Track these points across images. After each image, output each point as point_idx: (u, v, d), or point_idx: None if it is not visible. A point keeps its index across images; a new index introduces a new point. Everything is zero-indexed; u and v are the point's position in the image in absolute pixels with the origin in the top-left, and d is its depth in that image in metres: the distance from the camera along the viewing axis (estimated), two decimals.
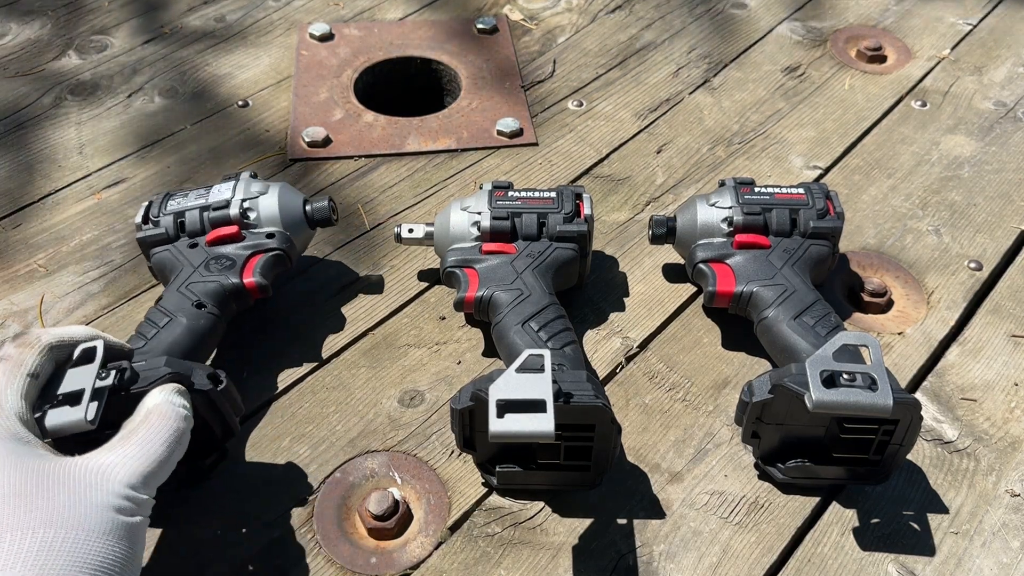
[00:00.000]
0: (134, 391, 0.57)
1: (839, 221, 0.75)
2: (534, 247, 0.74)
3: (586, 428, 0.60)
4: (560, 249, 0.74)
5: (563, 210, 0.75)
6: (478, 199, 0.77)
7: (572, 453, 0.62)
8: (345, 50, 1.09)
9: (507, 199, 0.76)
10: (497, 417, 0.55)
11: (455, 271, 0.74)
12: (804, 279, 0.72)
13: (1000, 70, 1.09)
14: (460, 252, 0.75)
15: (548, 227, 0.75)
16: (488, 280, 0.72)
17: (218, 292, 0.69)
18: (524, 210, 0.75)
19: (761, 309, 0.70)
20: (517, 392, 0.56)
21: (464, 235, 0.76)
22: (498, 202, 0.76)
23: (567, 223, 0.75)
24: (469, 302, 0.71)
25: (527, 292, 0.70)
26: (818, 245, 0.75)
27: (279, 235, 0.74)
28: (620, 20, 1.15)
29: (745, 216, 0.75)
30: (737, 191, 0.77)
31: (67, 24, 1.12)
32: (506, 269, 0.72)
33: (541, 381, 0.57)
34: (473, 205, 0.76)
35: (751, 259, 0.73)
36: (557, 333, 0.67)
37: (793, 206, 0.75)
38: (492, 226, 0.74)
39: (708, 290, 0.73)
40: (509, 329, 0.68)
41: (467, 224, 0.76)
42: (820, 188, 0.77)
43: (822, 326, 0.67)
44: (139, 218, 0.75)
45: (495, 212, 0.75)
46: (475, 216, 0.76)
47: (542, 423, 0.55)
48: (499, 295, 0.70)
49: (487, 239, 0.75)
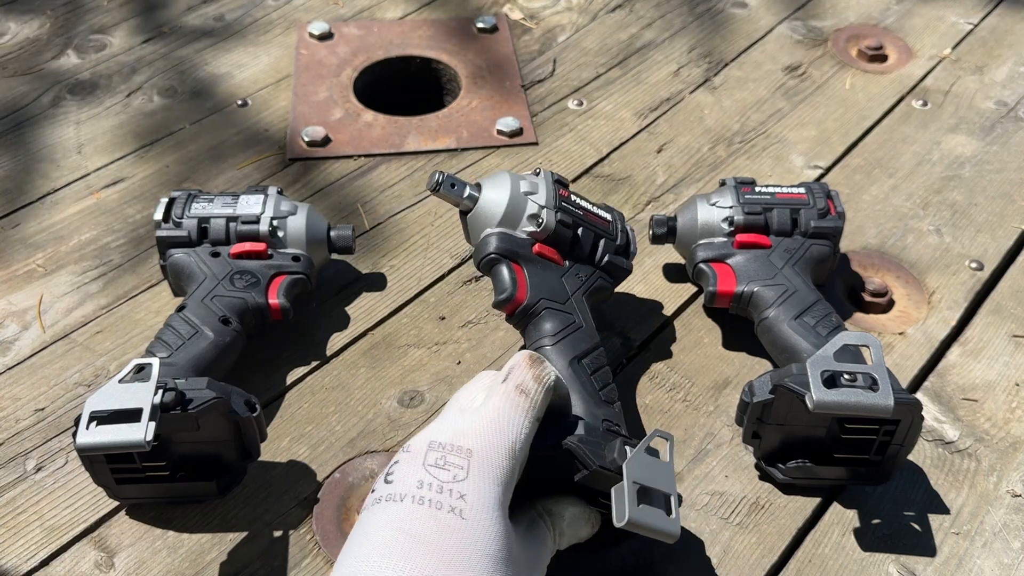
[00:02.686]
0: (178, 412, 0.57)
1: (840, 221, 0.75)
2: (581, 268, 0.70)
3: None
4: (601, 279, 0.71)
5: (617, 240, 0.73)
6: (541, 187, 0.70)
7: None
8: (345, 49, 1.08)
9: (570, 203, 0.71)
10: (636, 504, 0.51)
11: (501, 261, 0.66)
12: (805, 279, 0.71)
13: (1001, 69, 1.09)
14: (509, 241, 0.67)
15: (600, 252, 0.71)
16: (540, 290, 0.66)
17: (242, 309, 0.69)
18: (584, 223, 0.71)
19: (762, 309, 0.70)
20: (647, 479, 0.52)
21: (517, 221, 0.68)
22: (563, 203, 0.70)
23: (618, 254, 0.72)
24: (517, 304, 0.65)
25: (580, 322, 0.66)
26: (819, 245, 0.74)
27: (304, 259, 0.75)
28: (620, 19, 1.15)
29: (746, 216, 0.75)
30: (738, 191, 0.77)
31: (66, 23, 1.12)
32: (557, 284, 0.67)
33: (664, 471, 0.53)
34: (537, 194, 0.69)
35: (752, 259, 0.73)
36: (607, 385, 0.63)
37: (794, 205, 0.75)
38: (557, 230, 0.69)
39: (709, 290, 0.72)
40: (562, 362, 0.62)
41: (526, 212, 0.69)
42: (821, 188, 0.77)
43: (823, 326, 0.67)
44: (159, 215, 0.75)
45: (562, 216, 0.69)
46: (535, 207, 0.69)
47: (670, 524, 0.51)
48: (550, 315, 0.65)
49: (541, 238, 0.69)
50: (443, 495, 0.47)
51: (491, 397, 0.52)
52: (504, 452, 0.49)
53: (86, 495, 0.65)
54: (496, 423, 0.50)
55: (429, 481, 0.47)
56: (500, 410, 0.50)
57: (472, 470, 0.48)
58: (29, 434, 0.69)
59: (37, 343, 0.76)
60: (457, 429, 0.50)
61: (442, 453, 0.49)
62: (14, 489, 0.65)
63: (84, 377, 0.73)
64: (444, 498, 0.47)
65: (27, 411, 0.70)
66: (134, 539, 0.63)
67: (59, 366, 0.74)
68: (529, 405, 0.51)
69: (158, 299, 0.79)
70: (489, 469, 0.48)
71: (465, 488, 0.47)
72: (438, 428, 0.51)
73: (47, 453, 0.67)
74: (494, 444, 0.49)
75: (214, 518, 0.64)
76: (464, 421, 0.51)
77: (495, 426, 0.50)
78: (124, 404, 0.55)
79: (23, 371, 0.73)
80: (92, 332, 0.77)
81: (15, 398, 0.71)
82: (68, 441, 0.68)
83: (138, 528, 0.63)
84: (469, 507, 0.46)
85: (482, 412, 0.51)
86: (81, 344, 0.76)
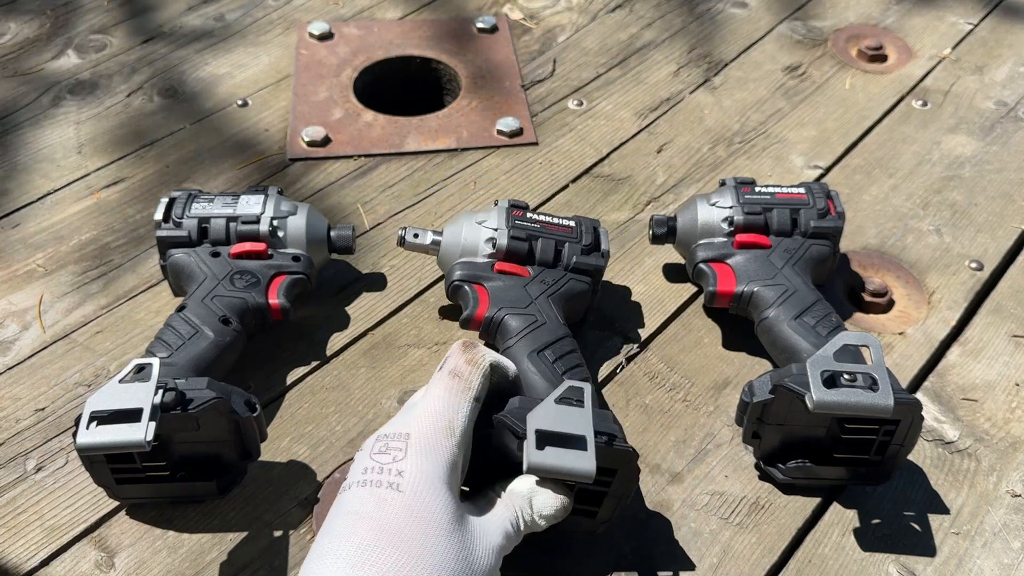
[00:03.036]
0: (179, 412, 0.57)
1: (840, 221, 0.75)
2: (548, 274, 0.72)
3: (607, 472, 0.56)
4: (574, 280, 0.72)
5: (582, 241, 0.73)
6: (494, 215, 0.74)
7: (584, 497, 0.57)
8: (344, 49, 1.08)
9: (525, 220, 0.74)
10: (537, 448, 0.52)
11: (463, 286, 0.72)
12: (805, 279, 0.71)
13: (1001, 69, 1.09)
14: (470, 267, 0.73)
15: (565, 256, 0.73)
16: (501, 300, 0.70)
17: (242, 309, 0.69)
18: (542, 234, 0.73)
19: (762, 309, 0.70)
20: (557, 424, 0.53)
21: (476, 250, 0.73)
22: (516, 222, 0.74)
23: (585, 255, 0.73)
24: (479, 321, 0.69)
25: (542, 319, 0.68)
26: (819, 245, 0.74)
27: (304, 259, 0.75)
28: (620, 19, 1.15)
29: (746, 216, 0.75)
30: (738, 191, 0.77)
31: (66, 23, 1.12)
32: (519, 292, 0.70)
33: (581, 416, 0.54)
34: (489, 220, 0.74)
35: (752, 259, 0.73)
36: (574, 367, 0.65)
37: (794, 206, 0.75)
38: (510, 246, 0.72)
39: (709, 290, 0.72)
40: (522, 356, 0.66)
41: (481, 239, 0.73)
42: (821, 188, 0.77)
43: (823, 326, 0.67)
44: (159, 215, 0.75)
45: (514, 232, 0.73)
46: (490, 232, 0.73)
47: (583, 461, 0.52)
48: (511, 319, 0.68)
49: (501, 258, 0.72)
50: (383, 475, 0.50)
51: (428, 387, 0.55)
52: (441, 431, 0.51)
53: (86, 495, 0.65)
54: (432, 406, 0.53)
55: (371, 466, 0.50)
56: (435, 395, 0.53)
57: (410, 450, 0.51)
58: (29, 434, 0.69)
59: (37, 343, 0.76)
60: (400, 421, 0.54)
61: (385, 442, 0.52)
62: (14, 489, 0.65)
63: (84, 377, 0.73)
64: (383, 477, 0.49)
65: (27, 411, 0.70)
66: (134, 539, 0.63)
67: (59, 366, 0.74)
68: (464, 387, 0.54)
69: (158, 299, 0.79)
70: (427, 447, 0.51)
71: (404, 466, 0.50)
72: (386, 425, 0.54)
73: (47, 453, 0.67)
74: (431, 425, 0.52)
75: (214, 518, 0.64)
76: (406, 414, 0.54)
77: (431, 408, 0.52)
78: (124, 404, 0.55)
79: (23, 371, 0.73)
80: (92, 332, 0.77)
81: (15, 398, 0.71)
82: (68, 441, 0.68)
83: (138, 528, 0.63)
84: (406, 482, 0.49)
85: (421, 402, 0.54)
86: (81, 344, 0.76)
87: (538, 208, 0.90)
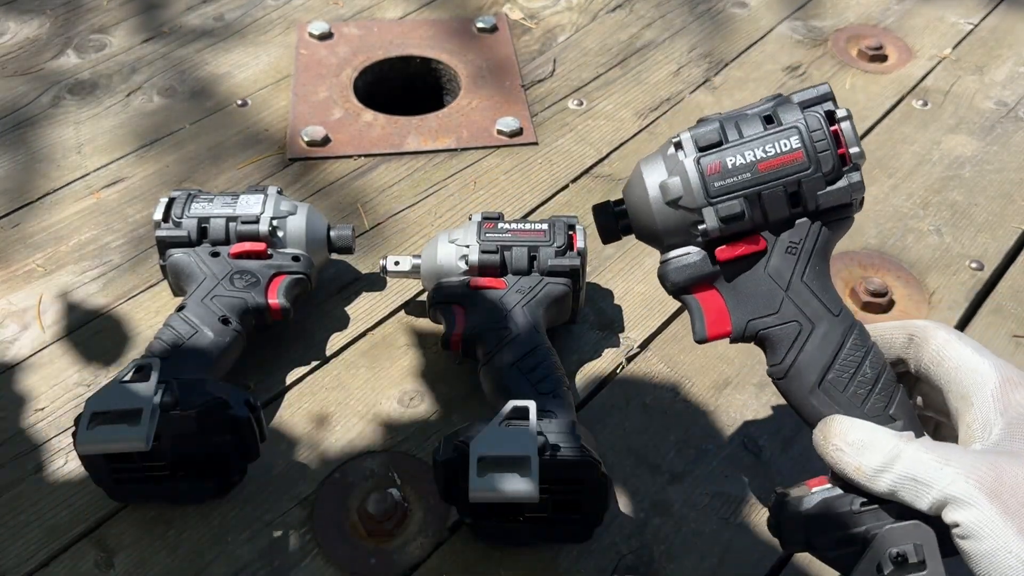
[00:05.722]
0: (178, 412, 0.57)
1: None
2: (524, 282, 0.71)
3: (574, 482, 0.57)
4: (551, 284, 0.71)
5: (555, 243, 0.72)
6: (467, 231, 0.73)
7: (561, 506, 0.58)
8: (344, 49, 1.08)
9: (496, 231, 0.73)
10: (478, 476, 0.53)
11: (440, 308, 0.71)
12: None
13: (1001, 69, 1.09)
14: (447, 288, 0.72)
15: (539, 261, 0.72)
16: (476, 318, 0.69)
17: (242, 309, 0.69)
18: (514, 243, 0.72)
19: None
20: (501, 447, 0.54)
21: (452, 269, 0.72)
22: (487, 234, 0.72)
23: (559, 256, 0.71)
24: (456, 341, 0.69)
25: (516, 331, 0.67)
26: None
27: (304, 259, 0.74)
28: (620, 19, 1.15)
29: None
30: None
31: (66, 23, 1.12)
32: (494, 306, 0.69)
33: (526, 436, 0.54)
34: (461, 237, 0.73)
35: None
36: (546, 377, 0.64)
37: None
38: (481, 260, 0.71)
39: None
40: (497, 371, 0.65)
41: (455, 257, 0.72)
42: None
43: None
44: (158, 215, 0.75)
45: (484, 245, 0.71)
46: (463, 249, 0.72)
47: (525, 485, 0.52)
48: (487, 334, 0.68)
49: (475, 273, 0.72)
50: None
51: None
52: None
53: (86, 495, 0.65)
54: None
55: None
56: None
57: None
58: (29, 434, 0.69)
59: (37, 343, 0.76)
60: None
61: None
62: (14, 489, 0.65)
63: (84, 377, 0.73)
64: None
65: (27, 411, 0.70)
66: (134, 539, 0.63)
67: (58, 366, 0.74)
68: None
69: (158, 299, 0.79)
70: None
71: None
72: None
73: (47, 453, 0.67)
74: None
75: (214, 518, 0.64)
76: None
77: None
78: (124, 404, 0.55)
79: (23, 371, 0.73)
80: (92, 332, 0.77)
81: (15, 398, 0.71)
82: (68, 441, 0.68)
83: (138, 528, 0.63)
84: None
85: None
86: (81, 344, 0.76)
87: (538, 208, 0.90)
